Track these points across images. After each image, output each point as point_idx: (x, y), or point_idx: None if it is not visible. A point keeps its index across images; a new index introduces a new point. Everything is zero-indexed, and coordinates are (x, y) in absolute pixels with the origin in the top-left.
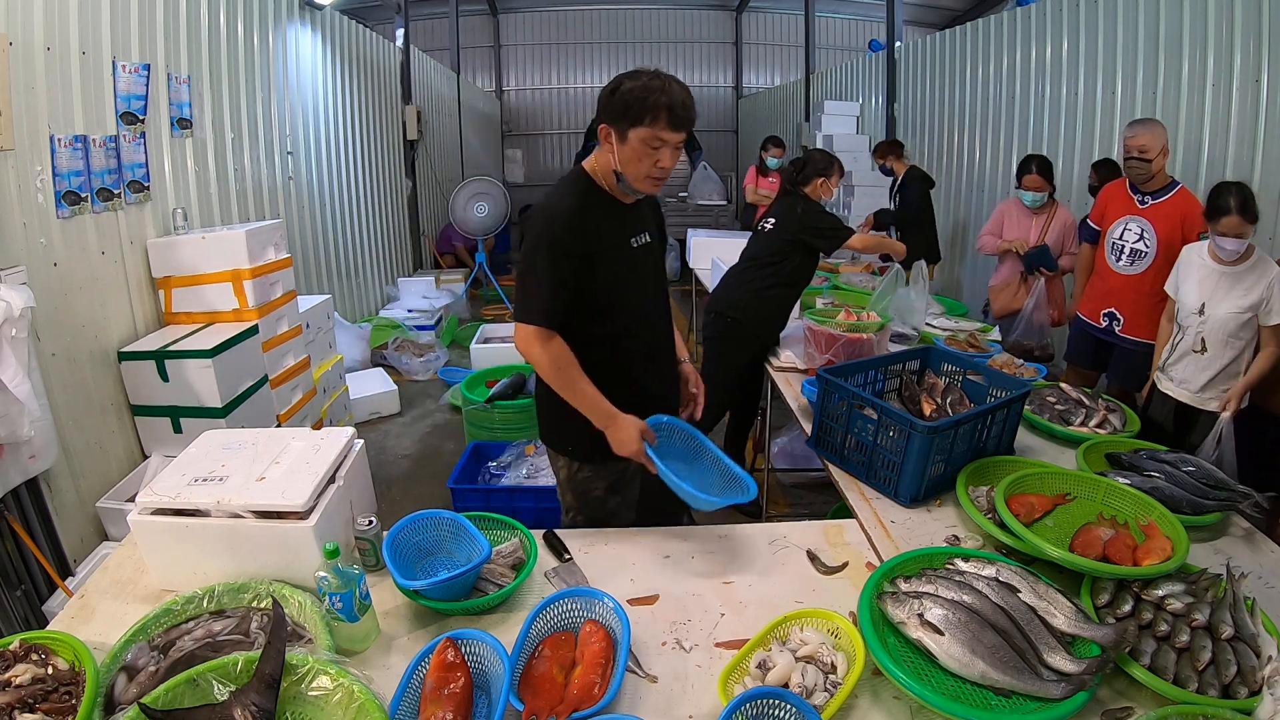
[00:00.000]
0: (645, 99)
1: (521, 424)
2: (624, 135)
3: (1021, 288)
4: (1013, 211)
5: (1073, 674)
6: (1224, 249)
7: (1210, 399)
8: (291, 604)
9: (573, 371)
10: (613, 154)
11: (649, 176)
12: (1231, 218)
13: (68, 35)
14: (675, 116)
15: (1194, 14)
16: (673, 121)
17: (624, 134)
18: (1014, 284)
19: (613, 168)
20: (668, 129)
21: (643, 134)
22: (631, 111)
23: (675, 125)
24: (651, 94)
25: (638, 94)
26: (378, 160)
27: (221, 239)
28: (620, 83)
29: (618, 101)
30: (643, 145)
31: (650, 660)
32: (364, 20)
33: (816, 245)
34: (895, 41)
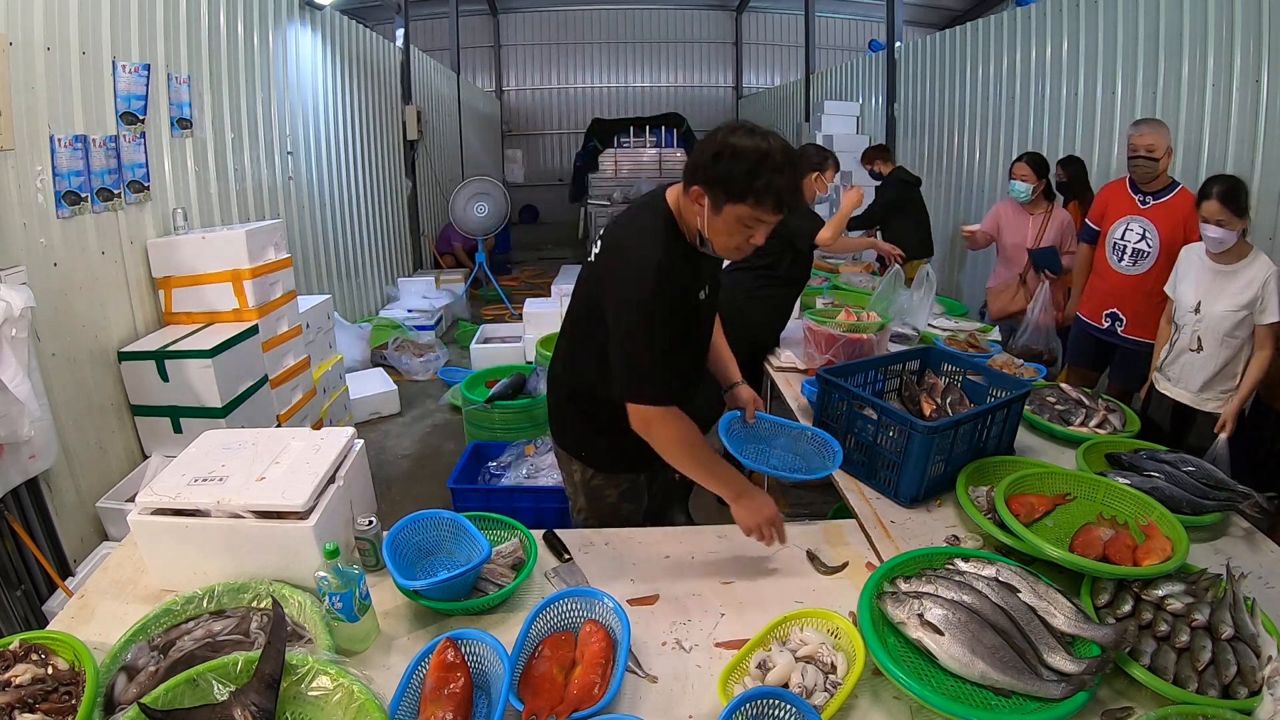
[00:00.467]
0: (754, 178)
1: (521, 424)
2: (719, 206)
3: (1020, 290)
4: (1008, 212)
5: (1073, 674)
6: (1208, 237)
7: (1208, 399)
8: (291, 604)
9: (702, 451)
10: (701, 216)
11: (738, 249)
12: (1211, 203)
13: (68, 35)
14: (782, 203)
15: (1194, 14)
16: (779, 208)
17: (719, 205)
18: (1012, 286)
19: (698, 228)
20: (772, 213)
21: (741, 213)
22: (735, 186)
23: (780, 210)
24: (762, 173)
25: (745, 169)
26: (378, 160)
27: (221, 239)
28: (726, 143)
29: (721, 170)
30: (738, 223)
31: (650, 660)
32: (364, 20)
33: (799, 245)
34: (895, 41)
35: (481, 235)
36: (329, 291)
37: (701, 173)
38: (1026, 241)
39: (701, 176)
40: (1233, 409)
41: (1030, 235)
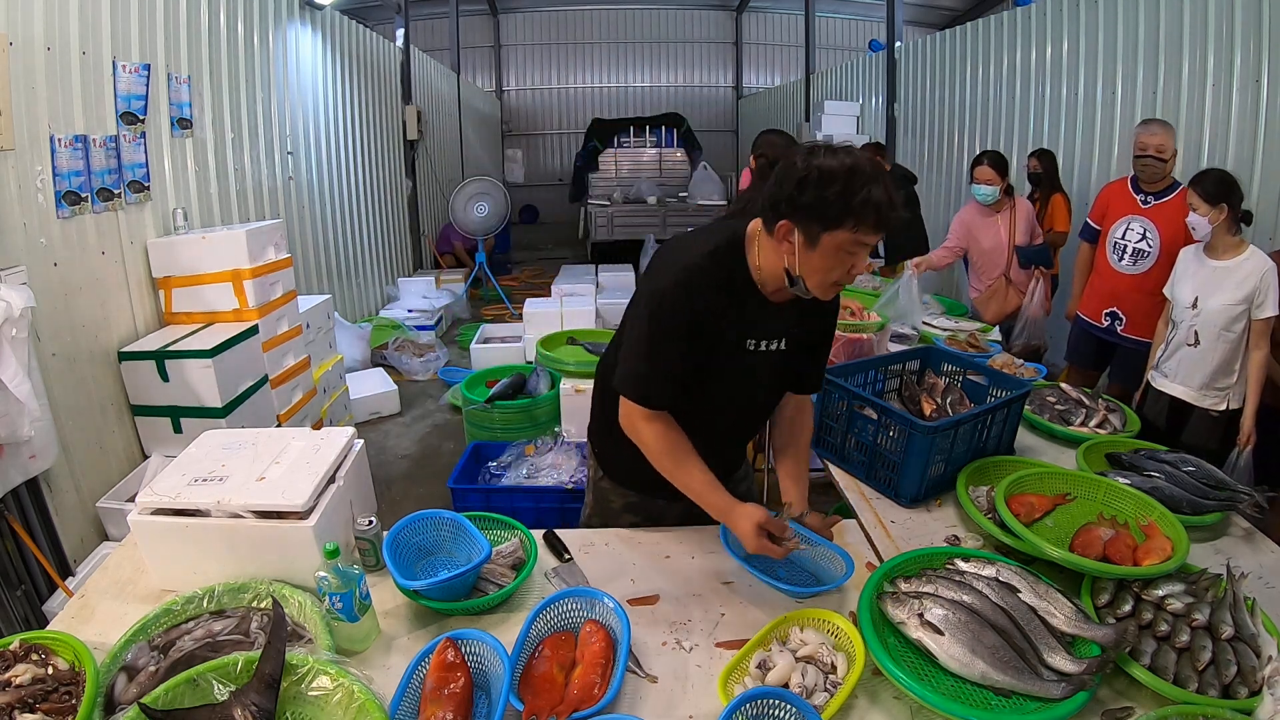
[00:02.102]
0: (851, 198)
1: (521, 424)
2: (814, 238)
3: (1009, 289)
4: (975, 217)
5: (1073, 674)
6: (1188, 223)
7: (1206, 395)
8: (291, 604)
9: (683, 458)
10: (791, 255)
11: (836, 283)
12: (1187, 189)
13: (68, 35)
14: (884, 218)
15: (1194, 14)
16: (880, 224)
17: (815, 237)
18: (1000, 289)
19: (784, 267)
20: (873, 233)
21: (842, 239)
22: (831, 212)
23: (882, 227)
24: (858, 191)
25: (839, 190)
26: (378, 160)
27: (221, 239)
28: (811, 167)
29: (812, 198)
30: (838, 252)
31: (650, 660)
32: (364, 20)
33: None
34: (895, 41)
35: (481, 235)
36: (329, 291)
37: (787, 205)
38: (1002, 241)
39: (788, 210)
40: (1249, 419)
41: (1003, 234)
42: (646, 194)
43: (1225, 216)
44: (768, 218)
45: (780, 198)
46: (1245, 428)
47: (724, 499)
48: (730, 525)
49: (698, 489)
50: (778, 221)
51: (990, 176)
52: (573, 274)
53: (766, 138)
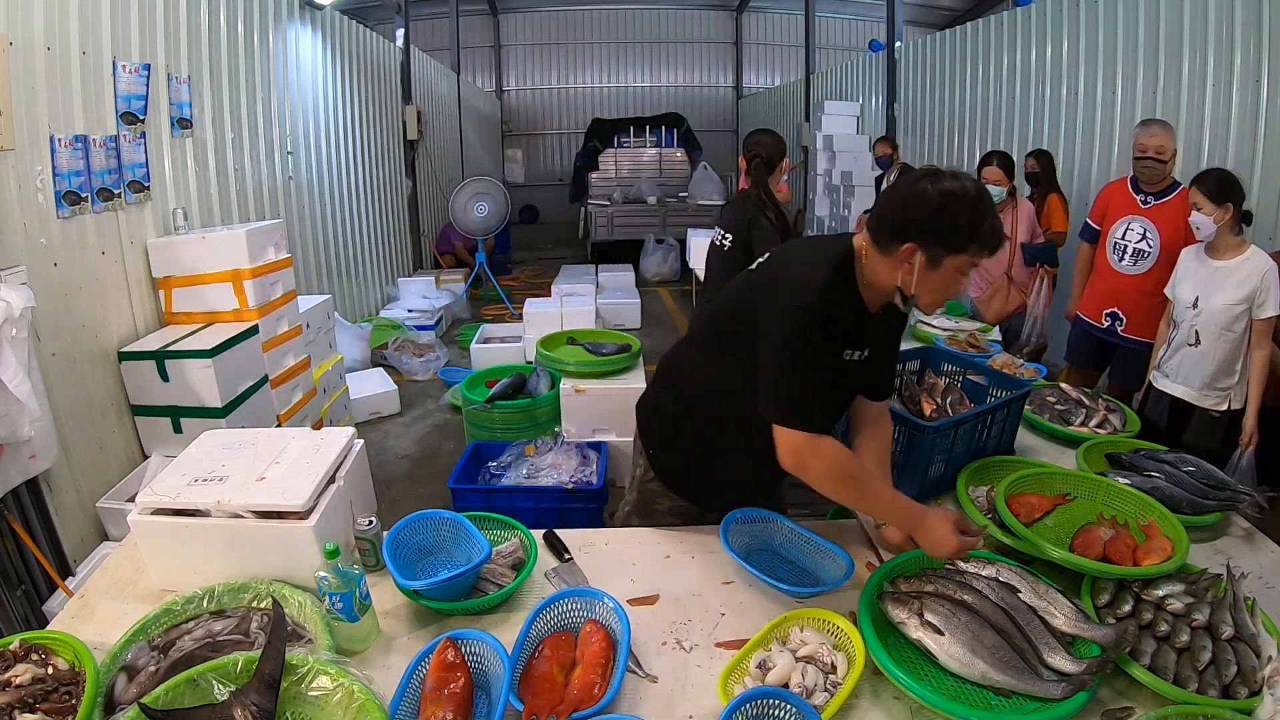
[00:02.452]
0: (977, 224)
1: (522, 424)
2: (938, 261)
3: (1011, 287)
4: None
5: (1073, 674)
6: (1191, 223)
7: (1207, 395)
8: (291, 604)
9: (862, 476)
10: (909, 275)
11: (944, 300)
12: (1191, 188)
13: (68, 35)
14: (999, 243)
15: (1194, 14)
16: (994, 249)
17: (938, 260)
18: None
19: (896, 285)
20: (989, 255)
21: (962, 262)
22: (958, 236)
23: (994, 252)
24: (982, 219)
25: (969, 217)
26: (378, 160)
27: (221, 239)
28: (942, 193)
29: (945, 222)
30: (956, 274)
31: (650, 660)
32: (364, 20)
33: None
34: (895, 41)
35: (481, 235)
36: (329, 291)
37: (917, 229)
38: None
39: (917, 233)
40: (1251, 420)
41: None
42: (646, 194)
43: (1230, 216)
44: (891, 237)
45: (912, 220)
46: (1247, 428)
47: (914, 505)
48: (927, 530)
49: (887, 503)
50: (901, 244)
51: (998, 177)
52: (573, 274)
53: (756, 138)
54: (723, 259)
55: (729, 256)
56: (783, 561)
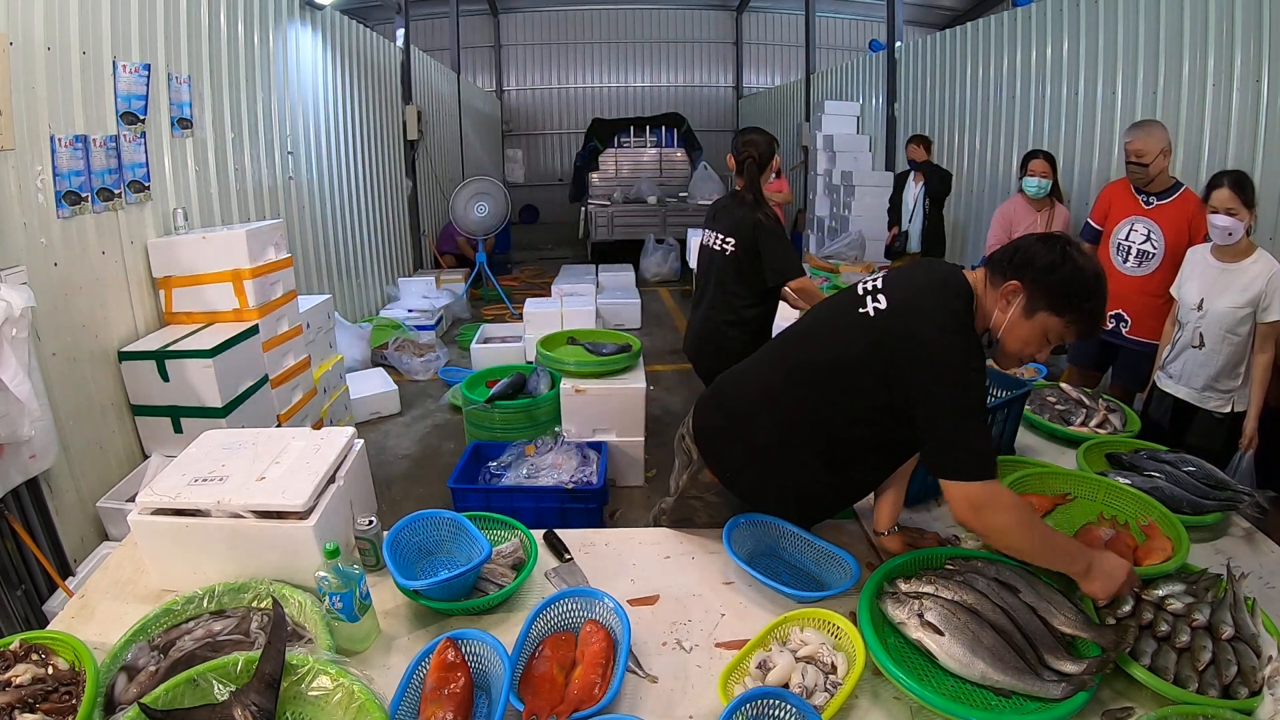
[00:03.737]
0: (1086, 300)
1: (522, 424)
2: (1033, 311)
3: None
4: (1018, 212)
5: (1073, 674)
6: (1216, 226)
7: (1209, 397)
8: (291, 604)
9: (1040, 525)
10: (1004, 313)
11: (1021, 358)
12: (1222, 190)
13: (68, 35)
14: (1093, 331)
15: (1194, 14)
16: (1087, 334)
17: (1034, 311)
18: None
19: (989, 325)
20: (1073, 337)
21: (1054, 325)
22: (1064, 300)
23: (1084, 336)
24: (1093, 299)
25: (1081, 289)
26: (378, 160)
27: (222, 239)
28: (1067, 255)
29: (1058, 281)
30: (1042, 334)
31: (650, 660)
32: (364, 20)
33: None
34: (895, 41)
35: (482, 235)
36: (329, 291)
37: (1029, 272)
38: None
39: (1028, 276)
40: (1252, 422)
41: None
42: (646, 194)
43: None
44: (1001, 272)
45: (1026, 262)
46: (1248, 430)
47: (1087, 556)
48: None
49: (1062, 546)
50: (1011, 280)
51: (1044, 169)
52: (573, 274)
53: (748, 137)
54: (725, 263)
55: (733, 260)
56: (787, 566)
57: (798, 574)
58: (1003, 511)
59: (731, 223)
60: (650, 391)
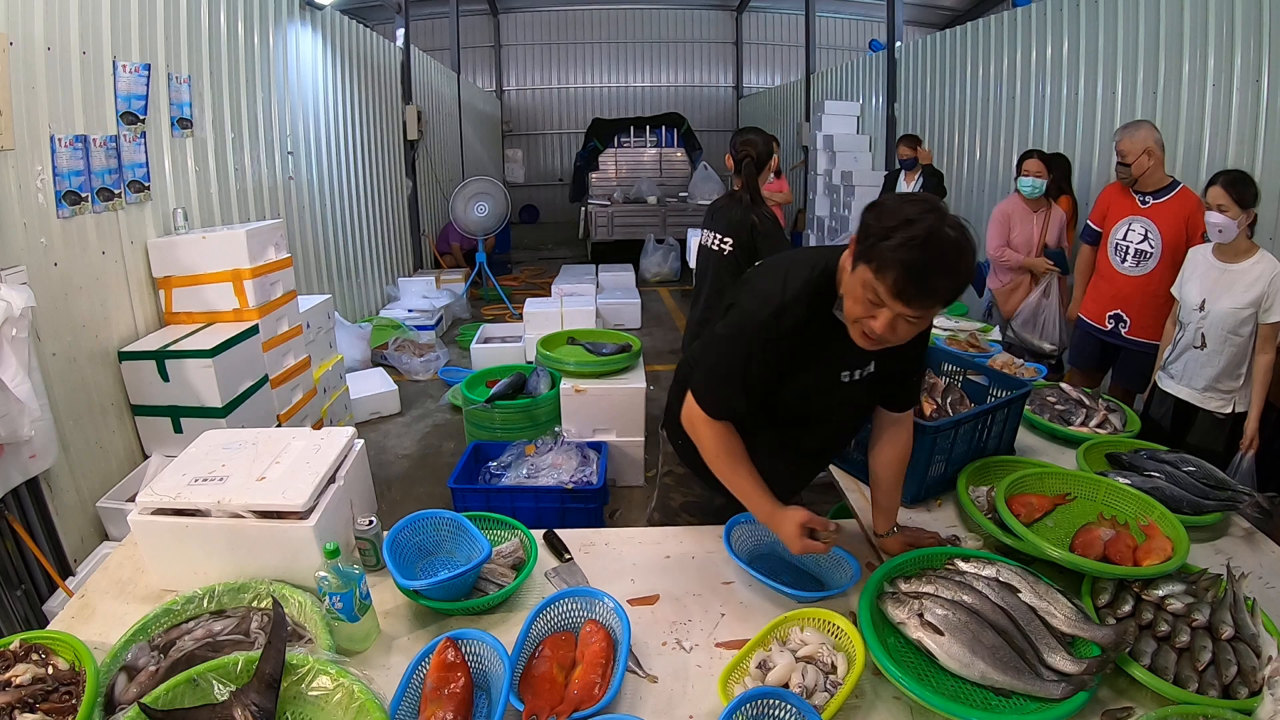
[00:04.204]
0: (887, 239)
1: (522, 424)
2: (855, 263)
3: (1033, 285)
4: (1015, 212)
5: (1073, 674)
6: (1210, 224)
7: (1210, 397)
8: (291, 604)
9: (736, 463)
10: (846, 270)
11: (855, 323)
12: (1215, 188)
13: (68, 35)
14: (904, 286)
15: (1194, 14)
16: (898, 290)
17: (856, 262)
18: (1024, 284)
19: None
20: (889, 292)
21: (865, 277)
22: (868, 244)
23: (901, 296)
24: (895, 238)
25: (883, 227)
26: (378, 160)
27: (222, 239)
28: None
29: (868, 222)
30: (861, 289)
31: (650, 660)
32: (364, 20)
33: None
34: (895, 41)
35: (482, 235)
36: (329, 291)
37: (862, 226)
38: (1033, 238)
39: (860, 228)
40: (1252, 423)
41: (1036, 233)
42: (646, 194)
43: (1251, 220)
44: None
45: (865, 213)
46: (1249, 431)
47: (770, 502)
48: (775, 527)
49: (748, 490)
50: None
51: (1039, 169)
52: (573, 274)
53: (745, 137)
54: (723, 263)
55: (730, 260)
56: (787, 566)
57: (798, 574)
58: (707, 436)
59: (729, 223)
60: (650, 391)
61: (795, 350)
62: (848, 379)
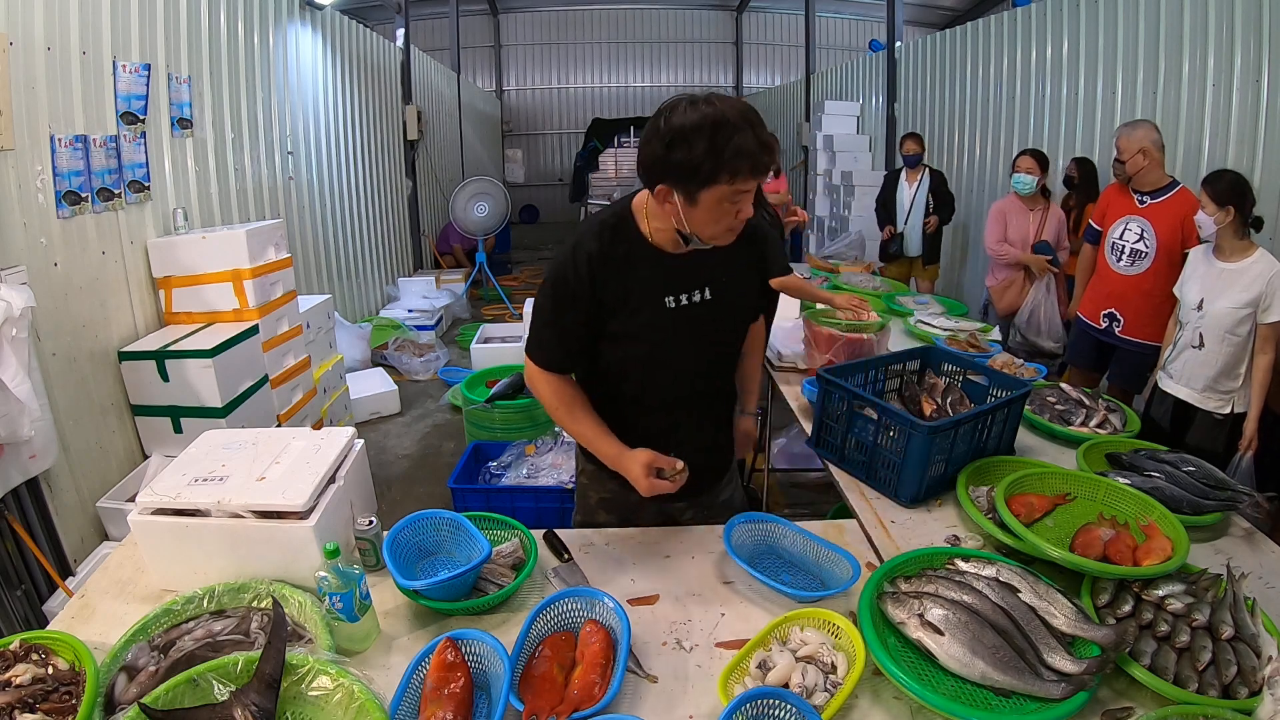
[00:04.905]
0: (719, 154)
1: (522, 424)
2: (693, 198)
3: (1026, 284)
4: (1012, 210)
5: (1073, 674)
6: (1196, 222)
7: (1209, 397)
8: (291, 604)
9: (577, 411)
10: (676, 216)
11: (729, 230)
12: (1202, 187)
13: (68, 35)
14: (758, 164)
15: (1194, 14)
16: (756, 170)
17: (694, 196)
18: (1018, 282)
19: (677, 229)
20: (750, 179)
21: (720, 193)
22: (701, 173)
23: (758, 172)
24: (725, 144)
25: (707, 148)
26: (378, 160)
27: (222, 239)
28: (673, 128)
29: (680, 158)
30: (719, 205)
31: (650, 660)
32: (364, 20)
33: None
34: (895, 41)
35: (482, 235)
36: (329, 291)
37: (660, 168)
38: (1029, 236)
39: (660, 173)
40: (1251, 424)
41: (1032, 231)
42: None
43: (1232, 219)
44: (646, 180)
45: (653, 160)
46: (1248, 432)
47: (614, 446)
48: (622, 470)
49: (590, 436)
50: (657, 185)
51: (1031, 166)
52: None
53: None
54: None
55: None
56: (787, 565)
57: (798, 574)
58: (544, 388)
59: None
60: None
61: (604, 283)
62: (673, 304)
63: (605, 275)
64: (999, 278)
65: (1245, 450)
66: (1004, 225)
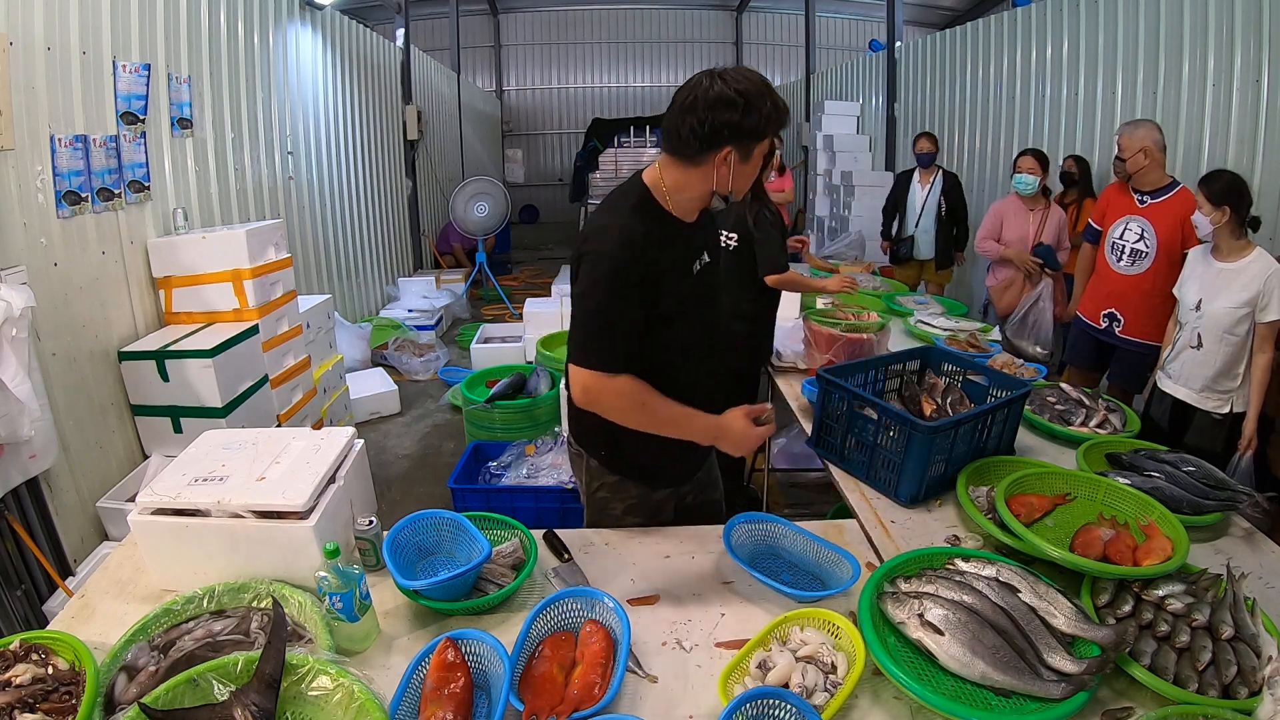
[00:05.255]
0: (777, 109)
1: (521, 424)
2: (749, 154)
3: (1026, 285)
4: (1010, 210)
5: (1073, 674)
6: (1193, 222)
7: (1208, 397)
8: (291, 604)
9: (654, 401)
10: (729, 176)
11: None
12: (1198, 188)
13: (68, 35)
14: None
15: (1194, 14)
16: (781, 123)
17: (749, 153)
18: (1018, 282)
19: (714, 189)
20: (777, 131)
21: (763, 147)
22: (762, 127)
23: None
24: (777, 102)
25: (768, 106)
26: (378, 160)
27: (222, 239)
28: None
29: (752, 120)
30: (758, 158)
31: (650, 660)
32: (364, 20)
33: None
34: (895, 41)
35: (481, 235)
36: (329, 291)
37: (731, 132)
38: (1028, 236)
39: (730, 136)
40: (1250, 424)
41: (1031, 231)
42: None
43: (1228, 219)
44: (695, 151)
45: (725, 125)
46: (1247, 432)
47: (708, 417)
48: (725, 433)
49: (679, 418)
50: (721, 148)
51: (1032, 167)
52: None
53: None
54: (726, 258)
55: (734, 255)
56: (787, 565)
57: (798, 574)
58: (611, 397)
59: (733, 218)
60: None
61: (654, 262)
62: (698, 268)
63: (653, 255)
64: (999, 278)
65: (1245, 450)
66: (998, 224)
